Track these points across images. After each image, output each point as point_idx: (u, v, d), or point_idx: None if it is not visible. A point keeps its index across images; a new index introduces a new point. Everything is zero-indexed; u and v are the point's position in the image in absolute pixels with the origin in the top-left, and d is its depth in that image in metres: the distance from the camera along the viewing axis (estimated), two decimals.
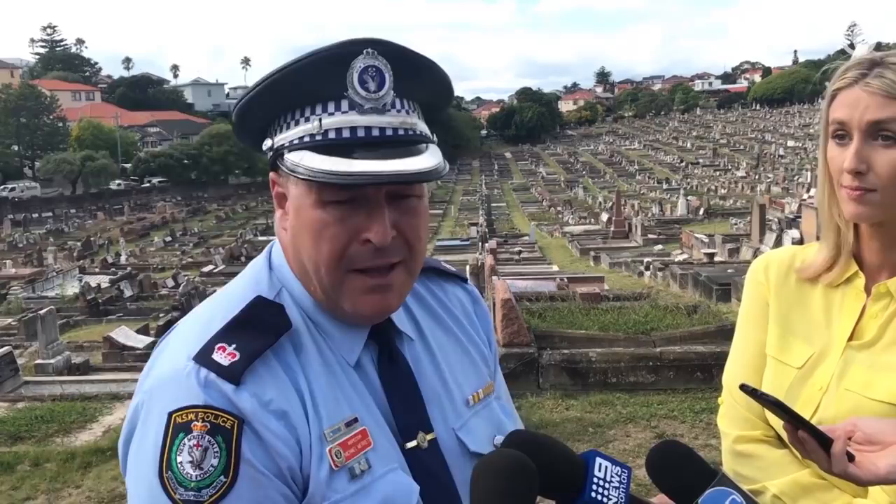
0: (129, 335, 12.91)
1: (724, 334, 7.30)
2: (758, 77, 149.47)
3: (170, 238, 43.91)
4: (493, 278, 11.17)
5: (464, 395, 1.22)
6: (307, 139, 1.04)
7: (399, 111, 1.06)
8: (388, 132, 1.04)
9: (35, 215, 58.53)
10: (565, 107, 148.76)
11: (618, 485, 1.10)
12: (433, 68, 1.10)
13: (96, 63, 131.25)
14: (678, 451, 1.22)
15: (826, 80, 1.36)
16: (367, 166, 1.00)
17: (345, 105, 1.03)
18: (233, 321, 1.07)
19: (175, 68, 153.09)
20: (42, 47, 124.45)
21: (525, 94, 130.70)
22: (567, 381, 7.03)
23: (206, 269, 29.16)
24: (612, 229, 31.29)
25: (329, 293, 1.09)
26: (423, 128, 1.10)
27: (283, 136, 1.07)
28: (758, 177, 55.18)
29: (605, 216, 36.28)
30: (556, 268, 21.93)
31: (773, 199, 33.57)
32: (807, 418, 1.18)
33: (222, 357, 1.02)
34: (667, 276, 16.45)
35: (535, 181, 74.18)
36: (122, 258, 35.21)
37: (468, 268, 15.63)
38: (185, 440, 0.98)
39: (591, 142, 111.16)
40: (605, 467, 1.10)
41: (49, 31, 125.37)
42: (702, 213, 36.17)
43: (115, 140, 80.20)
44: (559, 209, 48.51)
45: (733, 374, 1.49)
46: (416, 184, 1.07)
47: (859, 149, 1.28)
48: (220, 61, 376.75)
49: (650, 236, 28.80)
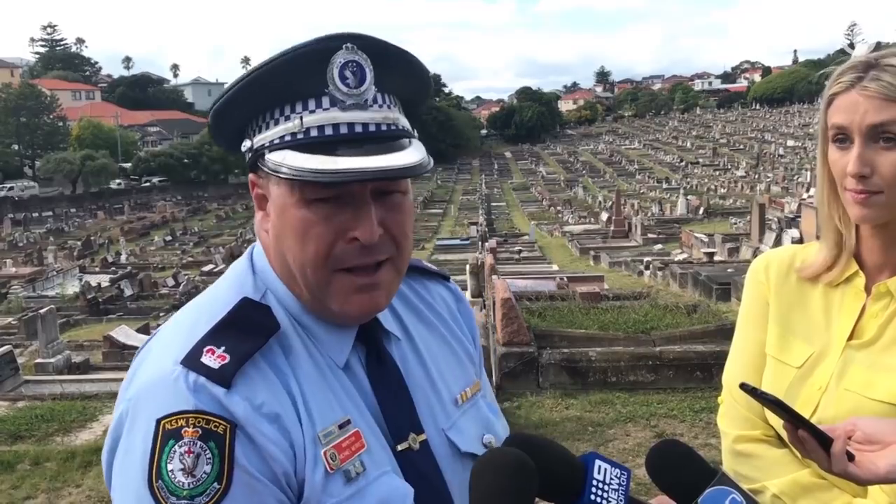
0: (129, 334, 12.90)
1: (724, 334, 7.30)
2: (757, 77, 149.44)
3: (170, 237, 43.91)
4: (493, 277, 11.17)
5: (452, 394, 1.20)
6: (288, 138, 1.02)
7: (381, 106, 1.04)
8: (371, 128, 1.02)
9: (35, 214, 58.53)
10: (565, 106, 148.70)
11: (617, 487, 1.10)
12: (413, 62, 1.09)
13: (96, 62, 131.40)
14: (678, 451, 1.22)
15: (825, 80, 1.36)
16: (352, 163, 0.98)
17: (326, 102, 1.01)
18: (220, 323, 1.04)
19: (175, 68, 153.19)
20: (42, 47, 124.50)
21: (525, 93, 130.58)
22: (567, 381, 7.03)
23: (207, 268, 29.16)
24: (611, 229, 31.30)
25: (316, 293, 1.07)
26: (404, 123, 1.08)
27: (263, 136, 1.05)
28: (757, 176, 55.15)
29: (604, 216, 36.29)
30: (555, 267, 21.94)
31: (773, 199, 33.55)
32: (806, 418, 1.18)
33: (211, 360, 0.99)
34: (666, 275, 16.45)
35: (534, 181, 74.16)
36: (123, 257, 35.23)
37: (468, 267, 15.63)
38: (176, 447, 0.94)
39: (591, 141, 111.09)
40: (605, 470, 1.10)
41: (49, 30, 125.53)
42: (701, 212, 36.17)
43: (116, 139, 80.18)
44: (559, 209, 48.51)
45: (733, 374, 1.49)
46: (401, 179, 1.05)
47: (861, 152, 1.28)
48: (220, 61, 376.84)
49: (650, 236, 28.81)
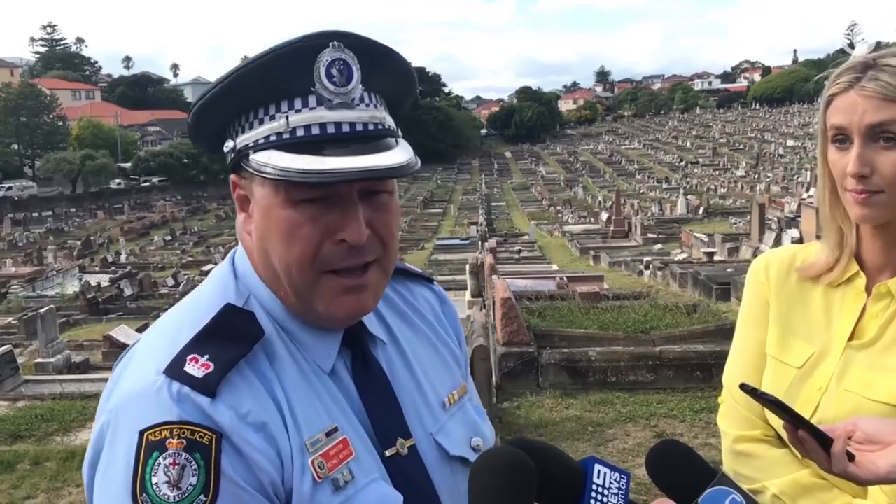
0: (129, 334, 12.89)
1: (724, 333, 7.30)
2: (757, 76, 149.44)
3: (170, 237, 43.92)
4: (493, 277, 11.18)
5: (439, 397, 1.19)
6: (274, 138, 1.00)
7: (368, 105, 1.02)
8: (359, 127, 1.01)
9: (35, 214, 58.54)
10: (565, 106, 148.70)
11: (616, 491, 1.10)
12: (399, 61, 1.07)
13: (96, 62, 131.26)
14: (678, 451, 1.22)
15: (824, 80, 1.37)
16: (340, 163, 0.97)
17: (312, 101, 0.99)
18: (203, 331, 1.01)
19: (175, 67, 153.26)
20: (42, 46, 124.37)
21: (525, 93, 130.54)
22: (567, 381, 7.03)
23: (206, 268, 29.14)
24: (611, 228, 31.30)
25: (302, 295, 1.04)
26: (391, 122, 1.07)
27: (247, 137, 1.03)
28: (757, 176, 55.16)
29: (604, 215, 36.28)
30: (555, 267, 21.94)
31: (773, 199, 33.55)
32: (806, 418, 1.18)
33: (195, 369, 0.96)
34: (666, 275, 16.44)
35: (534, 180, 74.15)
36: (122, 257, 35.23)
37: (468, 267, 15.64)
38: (160, 459, 0.92)
39: (591, 141, 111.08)
40: (604, 474, 1.10)
41: (49, 30, 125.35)
42: (701, 212, 36.18)
43: (115, 139, 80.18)
44: (559, 208, 48.51)
45: (733, 374, 1.48)
46: (389, 179, 1.04)
47: (861, 152, 1.28)
48: (220, 60, 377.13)
49: (650, 235, 28.81)
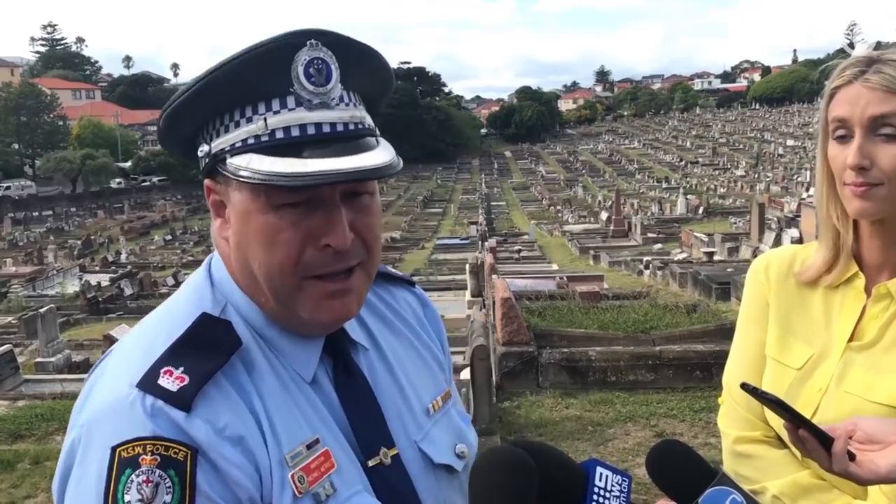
0: None
1: (724, 333, 7.30)
2: (757, 76, 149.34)
3: (170, 236, 43.90)
4: (493, 277, 11.18)
5: (423, 404, 1.16)
6: (252, 141, 0.97)
7: (347, 105, 1.00)
8: (339, 127, 0.98)
9: (35, 214, 58.52)
10: (565, 106, 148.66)
11: (618, 494, 1.10)
12: (378, 59, 1.05)
13: (96, 62, 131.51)
14: (678, 451, 1.22)
15: (825, 80, 1.37)
16: (322, 165, 0.94)
17: (291, 101, 0.97)
18: (178, 342, 0.98)
19: (175, 67, 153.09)
20: (42, 46, 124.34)
21: (525, 92, 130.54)
22: (567, 380, 7.03)
23: None
24: (611, 228, 31.30)
25: (284, 302, 1.02)
26: (370, 121, 1.04)
27: (224, 140, 0.99)
28: (757, 176, 55.15)
29: (604, 215, 36.28)
30: (555, 267, 21.93)
31: (773, 198, 33.54)
32: (807, 418, 1.18)
33: (169, 382, 0.93)
34: (666, 274, 16.44)
35: (534, 180, 74.15)
36: (123, 256, 35.20)
37: (468, 266, 15.64)
38: (133, 476, 0.89)
39: (591, 141, 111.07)
40: (606, 476, 1.10)
41: (49, 29, 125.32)
42: (701, 212, 36.18)
43: (116, 138, 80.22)
44: (559, 208, 48.52)
45: (733, 374, 1.48)
46: (371, 180, 1.01)
47: (862, 144, 1.27)
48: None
49: (649, 235, 28.81)
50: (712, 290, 12.75)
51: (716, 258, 18.91)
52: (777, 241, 17.71)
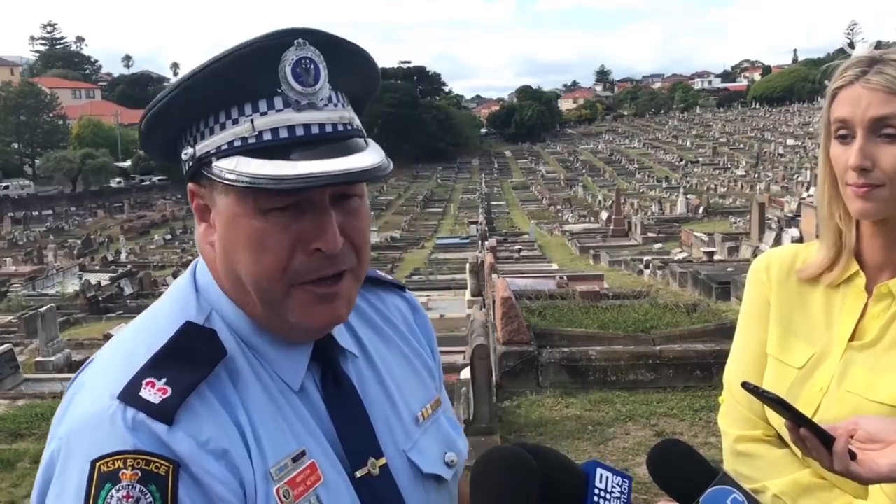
0: None
1: (724, 333, 7.30)
2: (757, 76, 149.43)
3: (170, 236, 43.93)
4: (493, 276, 11.18)
5: (412, 412, 1.14)
6: (238, 143, 0.94)
7: (336, 105, 0.98)
8: (328, 128, 0.96)
9: (35, 213, 58.55)
10: (565, 105, 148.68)
11: (619, 495, 1.10)
12: (366, 58, 1.03)
13: (96, 61, 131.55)
14: (679, 451, 1.22)
15: (826, 80, 1.36)
16: (313, 167, 0.91)
17: (278, 102, 0.94)
18: (161, 352, 0.95)
19: (175, 66, 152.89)
20: (42, 45, 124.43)
21: (525, 92, 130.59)
22: (567, 380, 7.03)
23: None
24: (611, 228, 31.29)
25: (272, 308, 0.99)
26: (358, 122, 1.02)
27: (209, 143, 0.96)
28: (757, 175, 55.17)
29: (604, 214, 36.28)
30: (555, 266, 21.93)
31: (773, 198, 33.55)
32: (808, 417, 1.18)
33: (151, 394, 0.91)
34: (666, 274, 16.43)
35: (534, 180, 74.18)
36: (123, 256, 35.22)
37: (468, 266, 15.64)
38: (113, 492, 0.86)
39: (591, 140, 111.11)
40: (606, 478, 1.10)
41: (49, 28, 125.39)
42: (701, 211, 36.17)
43: (115, 138, 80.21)
44: (559, 207, 48.53)
45: (734, 374, 1.48)
46: (362, 183, 0.99)
47: (863, 145, 1.27)
48: None
49: (650, 235, 28.79)
50: (712, 289, 12.75)
51: (716, 258, 18.90)
52: (777, 241, 17.70)
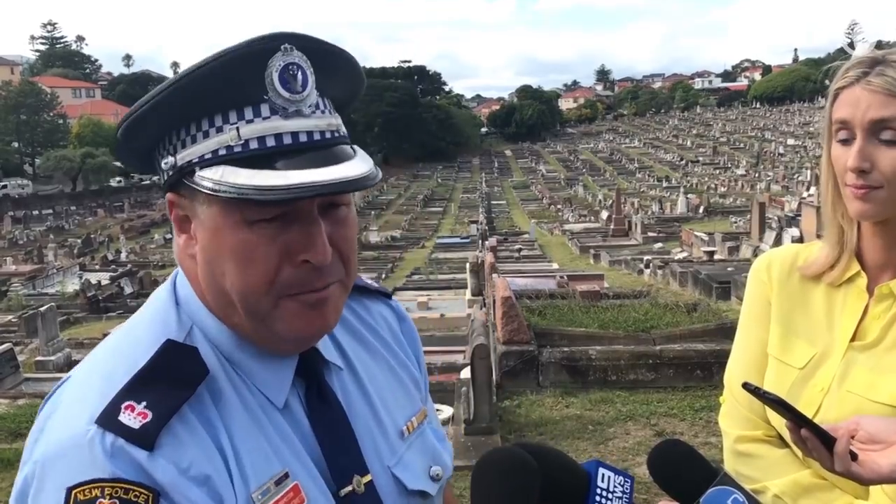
0: None
1: (724, 332, 7.30)
2: (758, 75, 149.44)
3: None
4: (494, 276, 11.18)
5: (397, 426, 1.11)
6: (223, 152, 0.90)
7: (324, 112, 0.95)
8: (316, 136, 0.92)
9: (35, 212, 58.56)
10: (565, 105, 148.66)
11: (621, 495, 1.11)
12: (351, 62, 1.00)
13: (96, 60, 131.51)
14: (680, 451, 1.23)
15: (828, 80, 1.36)
16: (303, 177, 0.88)
17: (265, 110, 0.90)
18: (140, 373, 0.91)
19: (175, 66, 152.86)
20: (42, 44, 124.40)
21: (525, 91, 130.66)
22: (567, 379, 7.02)
23: None
24: (611, 227, 31.29)
25: (260, 320, 0.96)
26: (344, 128, 0.99)
27: (191, 152, 0.92)
28: (758, 175, 55.18)
29: (605, 214, 36.29)
30: (555, 266, 21.92)
31: (773, 198, 33.55)
32: (809, 417, 1.18)
33: (131, 418, 0.87)
34: (666, 274, 16.43)
35: (535, 179, 74.18)
36: (123, 255, 35.21)
37: (468, 265, 15.64)
38: None
39: (592, 140, 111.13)
40: (608, 477, 1.10)
41: (49, 28, 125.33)
42: (702, 211, 36.16)
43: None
44: (559, 207, 48.54)
45: (735, 373, 1.48)
46: (355, 192, 0.95)
47: (862, 147, 1.27)
48: None
49: (650, 234, 28.79)
50: (713, 289, 12.75)
51: (716, 257, 18.90)
52: (777, 241, 17.70)
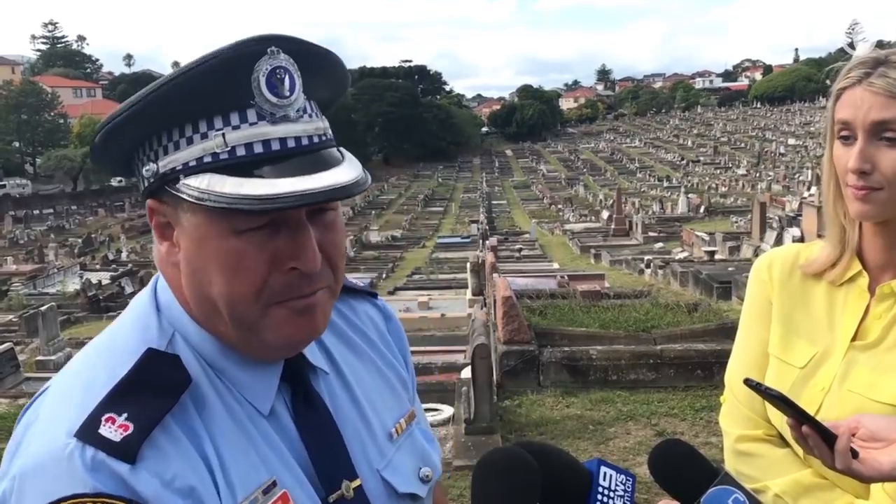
0: None
1: (725, 332, 7.29)
2: (759, 75, 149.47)
3: None
4: (494, 276, 11.18)
5: (386, 428, 1.10)
6: (209, 159, 0.87)
7: (311, 116, 0.92)
8: (304, 141, 0.90)
9: (36, 212, 58.61)
10: (566, 104, 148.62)
11: (622, 493, 1.11)
12: (337, 63, 0.97)
13: (97, 60, 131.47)
14: (680, 450, 1.23)
15: (830, 80, 1.36)
16: (293, 185, 0.85)
17: (252, 115, 0.87)
18: (121, 384, 0.88)
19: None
20: (43, 44, 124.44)
21: (526, 91, 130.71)
22: (567, 379, 7.02)
23: None
24: (612, 227, 31.29)
25: (248, 328, 0.93)
26: (330, 131, 0.96)
27: (174, 158, 0.89)
28: (758, 175, 55.16)
29: (605, 214, 36.29)
30: (556, 265, 21.93)
31: (774, 197, 33.55)
32: (810, 414, 1.18)
33: (112, 431, 0.84)
34: (667, 273, 16.43)
35: (535, 179, 74.18)
36: (123, 255, 35.19)
37: (469, 265, 15.64)
38: None
39: (592, 139, 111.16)
40: (610, 476, 1.10)
41: (50, 27, 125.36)
42: (702, 210, 36.16)
43: None
44: (560, 207, 48.54)
45: (736, 373, 1.48)
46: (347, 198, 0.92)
47: (863, 148, 1.27)
48: None
49: (651, 234, 28.79)
50: (713, 289, 12.75)
51: (717, 257, 18.90)
52: (778, 240, 17.71)
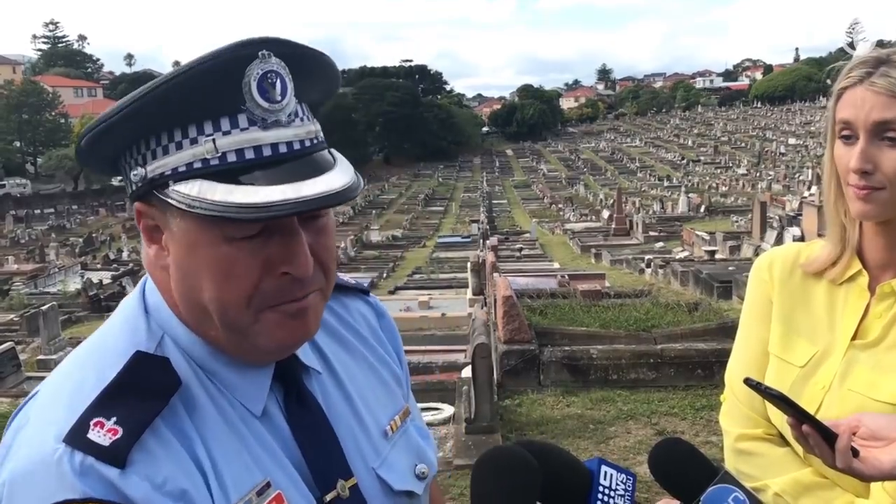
0: None
1: (725, 331, 7.29)
2: (759, 75, 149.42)
3: None
4: (495, 275, 11.17)
5: (380, 426, 1.09)
6: (199, 165, 0.85)
7: (302, 120, 0.90)
8: (296, 146, 0.88)
9: (37, 211, 58.65)
10: (566, 104, 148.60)
11: (623, 493, 1.11)
12: (329, 64, 0.96)
13: (98, 59, 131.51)
14: (681, 450, 1.23)
15: (831, 80, 1.36)
16: (286, 192, 0.84)
17: (243, 120, 0.86)
18: (109, 387, 0.87)
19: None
20: (44, 43, 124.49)
21: (526, 91, 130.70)
22: (568, 378, 7.02)
23: None
24: (613, 227, 31.29)
25: (239, 332, 0.92)
26: (321, 133, 0.94)
27: (162, 164, 0.87)
28: (759, 174, 55.15)
29: (606, 213, 36.27)
30: (557, 265, 21.93)
31: (774, 197, 33.56)
32: (811, 413, 1.18)
33: (100, 435, 0.83)
34: (668, 273, 16.42)
35: (536, 178, 74.21)
36: (124, 254, 35.19)
37: (469, 265, 15.64)
38: None
39: (593, 139, 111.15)
40: (611, 475, 1.10)
41: (51, 27, 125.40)
42: (703, 210, 36.14)
43: None
44: (560, 206, 48.54)
45: (736, 372, 1.48)
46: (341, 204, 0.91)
47: (865, 148, 1.27)
48: None
49: (651, 234, 28.79)
50: (714, 288, 12.75)
51: (717, 257, 18.90)
52: (779, 240, 17.70)
